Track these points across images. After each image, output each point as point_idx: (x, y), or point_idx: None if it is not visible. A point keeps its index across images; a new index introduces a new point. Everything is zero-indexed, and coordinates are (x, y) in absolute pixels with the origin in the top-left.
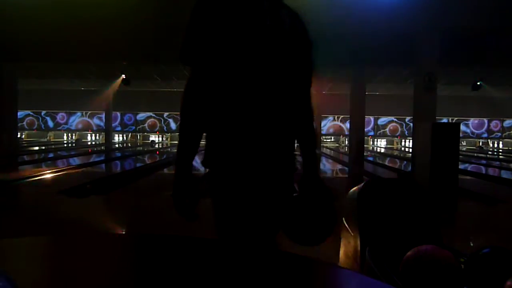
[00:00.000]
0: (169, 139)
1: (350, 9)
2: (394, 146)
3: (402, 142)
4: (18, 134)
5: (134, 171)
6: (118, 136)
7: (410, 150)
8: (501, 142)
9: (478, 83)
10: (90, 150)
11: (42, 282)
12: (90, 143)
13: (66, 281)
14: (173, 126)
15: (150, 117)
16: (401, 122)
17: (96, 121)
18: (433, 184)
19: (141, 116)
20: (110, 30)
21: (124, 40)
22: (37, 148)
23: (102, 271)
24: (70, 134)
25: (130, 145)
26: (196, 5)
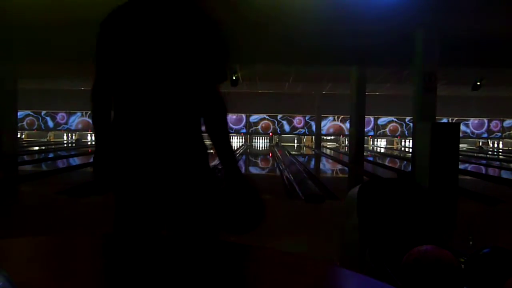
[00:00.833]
0: None
1: (350, 9)
2: (394, 146)
3: (402, 142)
4: (18, 134)
5: None
6: None
7: (410, 150)
8: (501, 142)
9: (478, 83)
10: (90, 150)
11: (42, 282)
12: (90, 143)
13: (66, 281)
14: None
15: None
16: (401, 122)
17: None
18: (433, 184)
19: None
20: None
21: None
22: (37, 148)
23: (102, 271)
24: (70, 134)
25: None
26: (99, 32)
